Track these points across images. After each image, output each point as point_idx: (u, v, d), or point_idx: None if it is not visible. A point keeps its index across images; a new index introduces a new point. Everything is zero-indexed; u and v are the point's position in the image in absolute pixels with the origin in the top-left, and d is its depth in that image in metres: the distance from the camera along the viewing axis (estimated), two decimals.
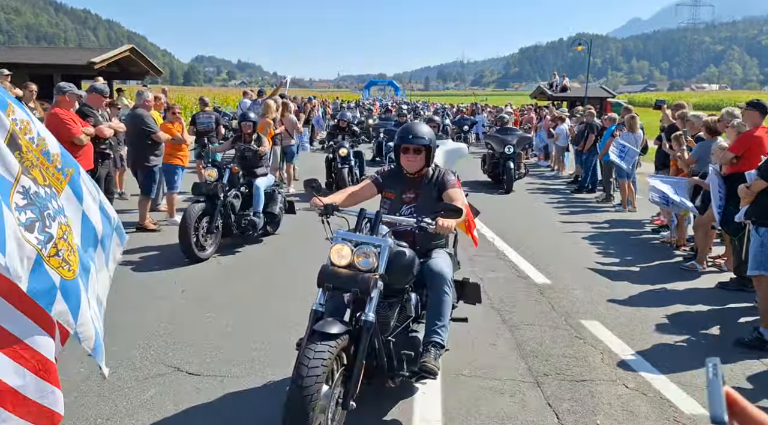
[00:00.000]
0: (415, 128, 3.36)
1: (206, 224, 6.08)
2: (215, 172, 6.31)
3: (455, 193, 3.28)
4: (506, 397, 3.41)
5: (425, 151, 3.32)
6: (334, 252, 2.87)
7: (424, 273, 3.17)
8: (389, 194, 3.43)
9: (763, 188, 4.24)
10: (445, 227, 2.92)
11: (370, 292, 2.75)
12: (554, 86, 23.44)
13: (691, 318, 4.78)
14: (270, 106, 9.12)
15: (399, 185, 3.41)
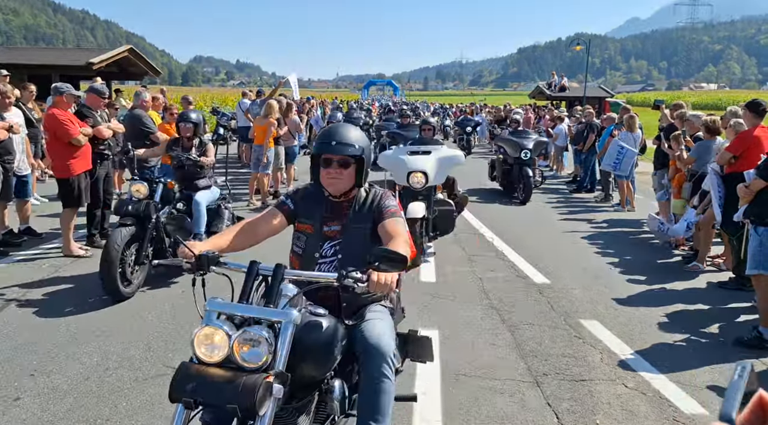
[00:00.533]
0: (341, 131, 2.37)
1: (135, 252, 5.01)
2: (145, 187, 5.19)
3: (395, 225, 2.34)
4: (506, 397, 3.42)
5: (355, 164, 2.36)
6: (199, 341, 1.89)
7: (355, 341, 2.23)
8: (305, 225, 2.45)
9: (761, 187, 4.25)
10: (382, 284, 1.98)
11: (257, 409, 1.73)
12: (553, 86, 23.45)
13: (690, 318, 4.79)
14: (273, 106, 9.06)
15: (318, 213, 2.43)
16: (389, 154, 6.75)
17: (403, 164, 6.21)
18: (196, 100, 27.88)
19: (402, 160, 6.24)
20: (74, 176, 5.92)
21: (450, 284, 5.51)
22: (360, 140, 2.39)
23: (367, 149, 2.41)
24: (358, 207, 2.44)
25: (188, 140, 5.88)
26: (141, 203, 5.07)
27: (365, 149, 2.39)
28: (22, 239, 6.49)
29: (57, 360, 3.75)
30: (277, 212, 2.47)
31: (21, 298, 4.85)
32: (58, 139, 5.85)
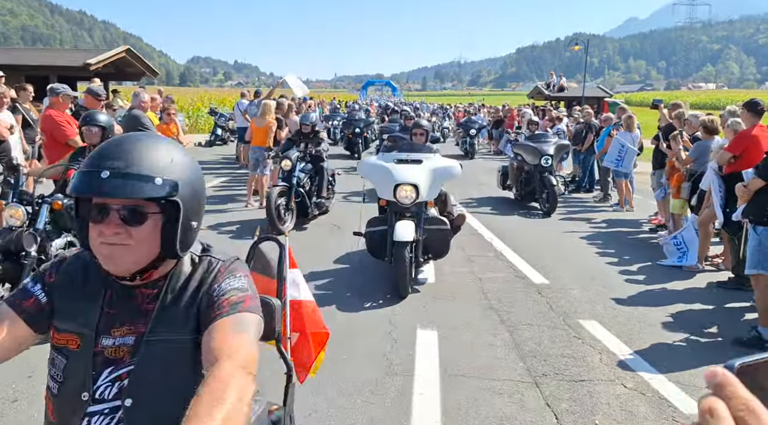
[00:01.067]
0: (129, 151, 1.19)
1: None
2: (22, 211, 4.09)
3: (237, 335, 1.18)
4: (505, 397, 3.41)
5: (161, 213, 1.23)
6: None
7: None
8: (66, 336, 1.27)
9: (760, 186, 4.25)
10: None
11: None
12: (551, 86, 23.46)
13: (689, 318, 4.78)
14: (269, 106, 9.04)
15: (92, 312, 1.27)
16: (372, 161, 5.74)
17: (389, 174, 5.20)
18: (195, 101, 27.88)
19: (388, 169, 5.21)
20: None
21: (449, 284, 5.50)
22: (168, 165, 1.22)
23: (187, 182, 1.25)
24: (172, 298, 1.29)
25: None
26: (14, 232, 3.92)
27: (181, 183, 1.22)
28: None
29: None
30: (9, 312, 1.27)
31: None
32: (55, 140, 5.84)
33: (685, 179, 6.56)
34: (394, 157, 5.55)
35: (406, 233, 4.91)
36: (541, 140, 9.58)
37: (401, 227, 4.94)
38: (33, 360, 3.77)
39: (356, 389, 3.46)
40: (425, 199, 5.22)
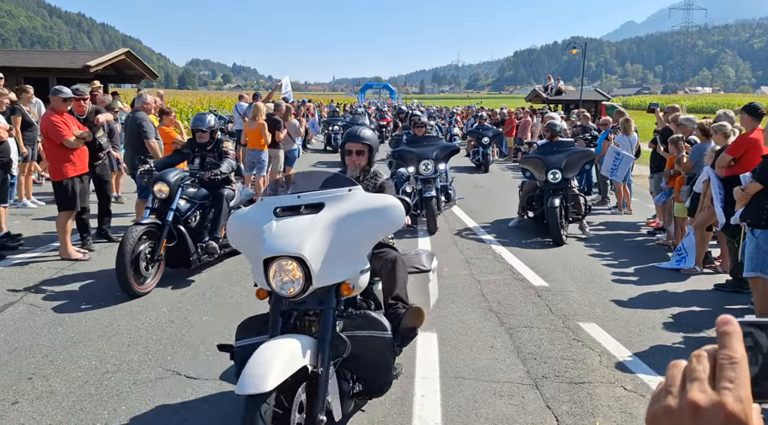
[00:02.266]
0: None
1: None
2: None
3: None
4: (505, 399, 3.42)
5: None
6: None
7: None
8: None
9: (757, 190, 4.28)
10: None
11: None
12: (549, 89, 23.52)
13: (687, 320, 4.81)
14: (260, 108, 9.04)
15: None
16: (243, 214, 2.90)
17: (257, 240, 2.62)
18: (194, 104, 27.88)
19: (258, 232, 2.61)
20: (68, 179, 5.90)
21: (448, 286, 5.51)
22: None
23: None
24: None
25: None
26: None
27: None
28: (19, 243, 6.46)
29: (55, 363, 3.74)
30: None
31: (18, 301, 4.83)
32: (52, 141, 5.87)
33: (685, 182, 6.59)
34: (278, 202, 2.77)
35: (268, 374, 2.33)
36: (553, 150, 7.73)
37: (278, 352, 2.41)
38: (33, 362, 3.78)
39: None
40: (327, 284, 2.63)
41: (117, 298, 4.95)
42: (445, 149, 8.45)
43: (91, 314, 4.58)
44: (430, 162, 7.95)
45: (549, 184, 7.44)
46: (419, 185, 7.93)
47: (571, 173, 7.57)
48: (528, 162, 8.01)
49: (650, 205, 9.09)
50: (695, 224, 6.06)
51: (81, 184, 6.09)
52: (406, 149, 8.31)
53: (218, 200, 5.76)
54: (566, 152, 7.63)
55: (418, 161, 7.96)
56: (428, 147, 8.19)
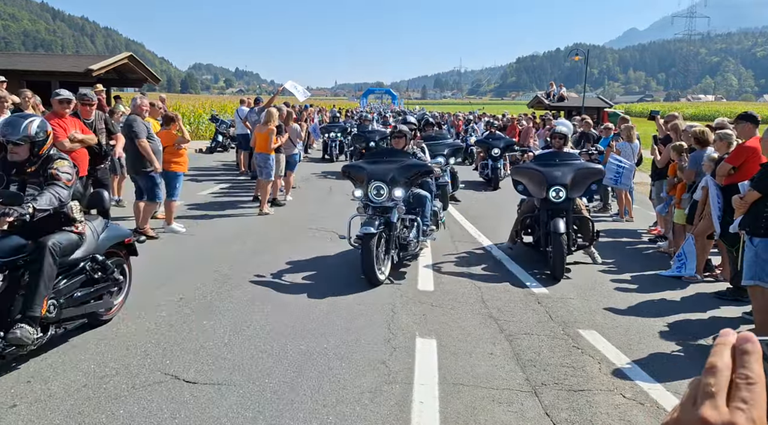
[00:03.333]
0: None
1: None
2: None
3: None
4: (504, 406, 3.41)
5: None
6: None
7: None
8: None
9: (756, 198, 4.28)
10: None
11: None
12: (551, 96, 23.56)
13: (687, 328, 4.80)
14: (272, 114, 9.11)
15: None
16: None
17: None
18: (196, 108, 27.94)
19: None
20: None
21: (448, 292, 5.51)
22: None
23: None
24: None
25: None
26: None
27: None
28: None
29: (54, 366, 3.74)
30: None
31: None
32: None
33: (687, 189, 6.60)
34: None
35: None
36: (554, 162, 6.44)
37: None
38: (32, 365, 3.78)
39: (355, 397, 3.46)
40: None
41: None
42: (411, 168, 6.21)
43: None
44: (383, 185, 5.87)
45: (549, 203, 6.16)
46: None
47: (577, 192, 6.33)
48: (523, 174, 6.55)
49: (651, 212, 9.09)
50: (696, 232, 6.06)
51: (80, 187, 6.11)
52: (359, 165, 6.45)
53: (37, 256, 3.63)
54: (573, 167, 6.26)
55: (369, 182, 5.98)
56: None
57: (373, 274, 5.47)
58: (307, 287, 5.53)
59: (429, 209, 6.44)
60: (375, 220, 5.61)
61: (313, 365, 3.88)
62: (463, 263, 6.61)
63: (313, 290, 5.44)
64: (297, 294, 5.30)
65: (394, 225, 5.80)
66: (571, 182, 6.17)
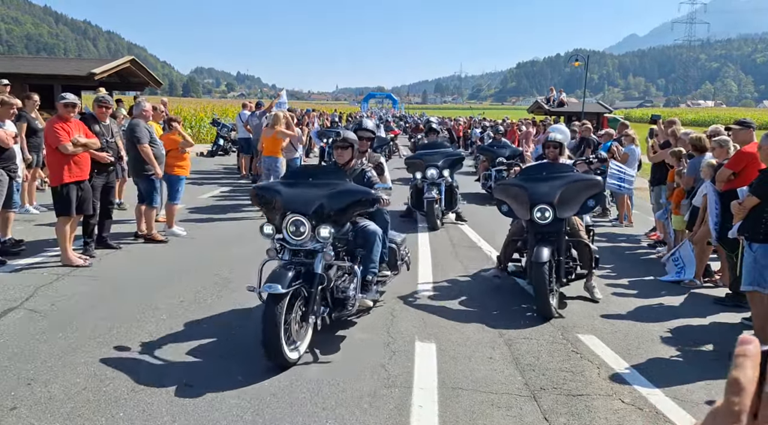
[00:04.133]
0: None
1: None
2: None
3: None
4: (503, 411, 3.42)
5: None
6: None
7: None
8: None
9: (754, 204, 4.29)
10: None
11: None
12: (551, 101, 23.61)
13: (686, 333, 4.80)
14: (279, 116, 9.17)
15: None
16: None
17: None
18: (197, 112, 28.00)
19: None
20: (64, 184, 5.95)
21: (447, 297, 5.52)
22: None
23: None
24: None
25: None
26: None
27: None
28: (21, 248, 6.49)
29: (54, 369, 3.75)
30: None
31: (18, 307, 4.84)
32: (50, 146, 5.98)
33: (686, 196, 6.61)
34: None
35: None
36: (542, 175, 5.36)
37: None
38: (32, 368, 3.79)
39: (354, 400, 3.47)
40: None
41: (116, 305, 4.97)
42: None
43: (90, 321, 4.59)
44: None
45: (535, 225, 5.15)
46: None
47: (569, 211, 5.13)
48: (506, 192, 5.46)
49: (650, 217, 9.10)
50: (695, 238, 6.07)
51: (81, 191, 6.12)
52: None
53: None
54: (563, 180, 5.15)
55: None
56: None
57: (278, 353, 3.72)
58: None
59: (378, 250, 4.61)
60: (289, 270, 3.87)
61: (313, 368, 3.89)
62: (462, 267, 6.62)
63: None
64: None
65: (321, 277, 4.01)
66: (560, 199, 5.06)
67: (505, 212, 5.59)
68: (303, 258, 4.09)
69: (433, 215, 8.54)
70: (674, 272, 6.24)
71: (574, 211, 5.22)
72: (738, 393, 0.48)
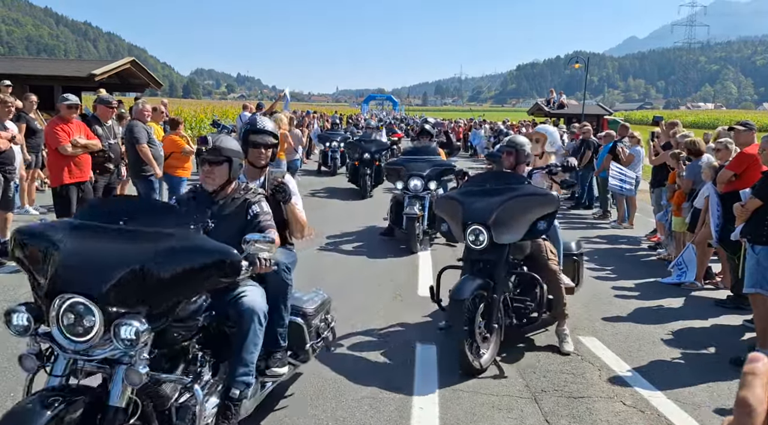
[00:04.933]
0: None
1: None
2: None
3: None
4: (504, 413, 3.41)
5: None
6: None
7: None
8: None
9: (757, 206, 4.28)
10: None
11: None
12: (551, 103, 23.62)
13: (688, 336, 4.79)
14: (281, 119, 9.16)
15: None
16: None
17: None
18: (198, 113, 28.04)
19: None
20: (64, 185, 5.95)
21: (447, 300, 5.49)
22: None
23: None
24: None
25: None
26: None
27: None
28: None
29: None
30: None
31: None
32: (50, 147, 5.98)
33: (686, 198, 6.61)
34: None
35: None
36: (485, 187, 4.26)
37: None
38: None
39: (356, 402, 3.46)
40: None
41: None
42: None
43: None
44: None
45: (471, 252, 4.10)
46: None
47: (509, 234, 3.94)
48: (443, 207, 4.49)
49: (651, 219, 9.09)
50: (696, 240, 6.06)
51: (82, 192, 6.12)
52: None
53: None
54: (503, 195, 4.04)
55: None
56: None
57: None
58: None
59: (257, 339, 2.77)
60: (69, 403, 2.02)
61: (313, 370, 3.88)
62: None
63: None
64: None
65: (117, 412, 2.12)
66: (497, 218, 3.90)
67: (444, 233, 4.56)
68: (94, 368, 2.17)
69: (414, 236, 7.04)
70: (675, 275, 6.24)
71: (517, 235, 3.93)
72: (749, 415, 0.46)
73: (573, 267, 4.90)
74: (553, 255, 4.37)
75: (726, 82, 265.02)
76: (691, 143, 6.57)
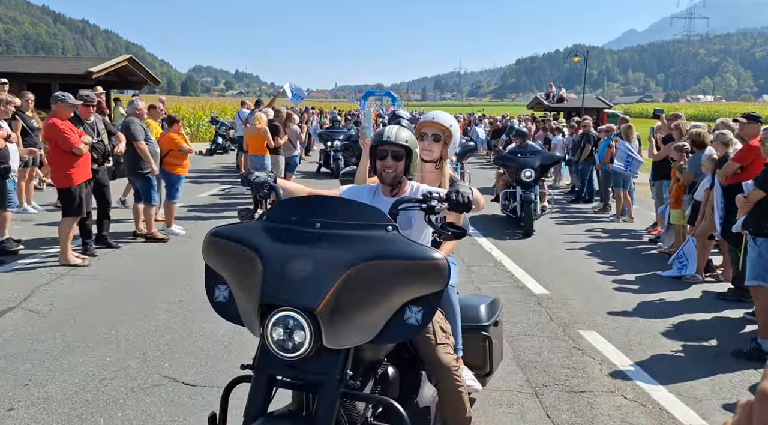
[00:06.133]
0: None
1: None
2: None
3: None
4: (504, 408, 3.39)
5: None
6: None
7: None
8: None
9: (760, 198, 4.26)
10: None
11: None
12: (551, 97, 23.56)
13: (689, 329, 4.77)
14: (259, 117, 9.07)
15: None
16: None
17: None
18: (196, 110, 27.96)
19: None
20: (75, 186, 5.92)
21: None
22: None
23: None
24: None
25: None
26: None
27: None
28: (19, 248, 6.46)
29: (52, 369, 3.72)
30: None
31: (16, 307, 4.82)
32: (59, 148, 5.86)
33: (686, 191, 6.58)
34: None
35: None
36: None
37: None
38: (29, 368, 3.76)
39: None
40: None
41: (115, 304, 4.94)
42: None
43: (88, 321, 4.56)
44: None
45: (276, 366, 2.19)
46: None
47: (359, 334, 1.88)
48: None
49: (651, 213, 9.07)
50: (697, 232, 6.04)
51: (86, 190, 6.10)
52: None
53: None
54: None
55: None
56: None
57: None
58: None
59: None
60: None
61: None
62: (463, 264, 6.59)
63: None
64: None
65: None
66: (329, 304, 1.91)
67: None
68: None
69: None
70: (676, 268, 6.22)
71: (367, 332, 1.88)
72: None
73: (483, 350, 3.00)
74: (445, 335, 2.46)
75: (725, 74, 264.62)
76: (697, 134, 6.52)
